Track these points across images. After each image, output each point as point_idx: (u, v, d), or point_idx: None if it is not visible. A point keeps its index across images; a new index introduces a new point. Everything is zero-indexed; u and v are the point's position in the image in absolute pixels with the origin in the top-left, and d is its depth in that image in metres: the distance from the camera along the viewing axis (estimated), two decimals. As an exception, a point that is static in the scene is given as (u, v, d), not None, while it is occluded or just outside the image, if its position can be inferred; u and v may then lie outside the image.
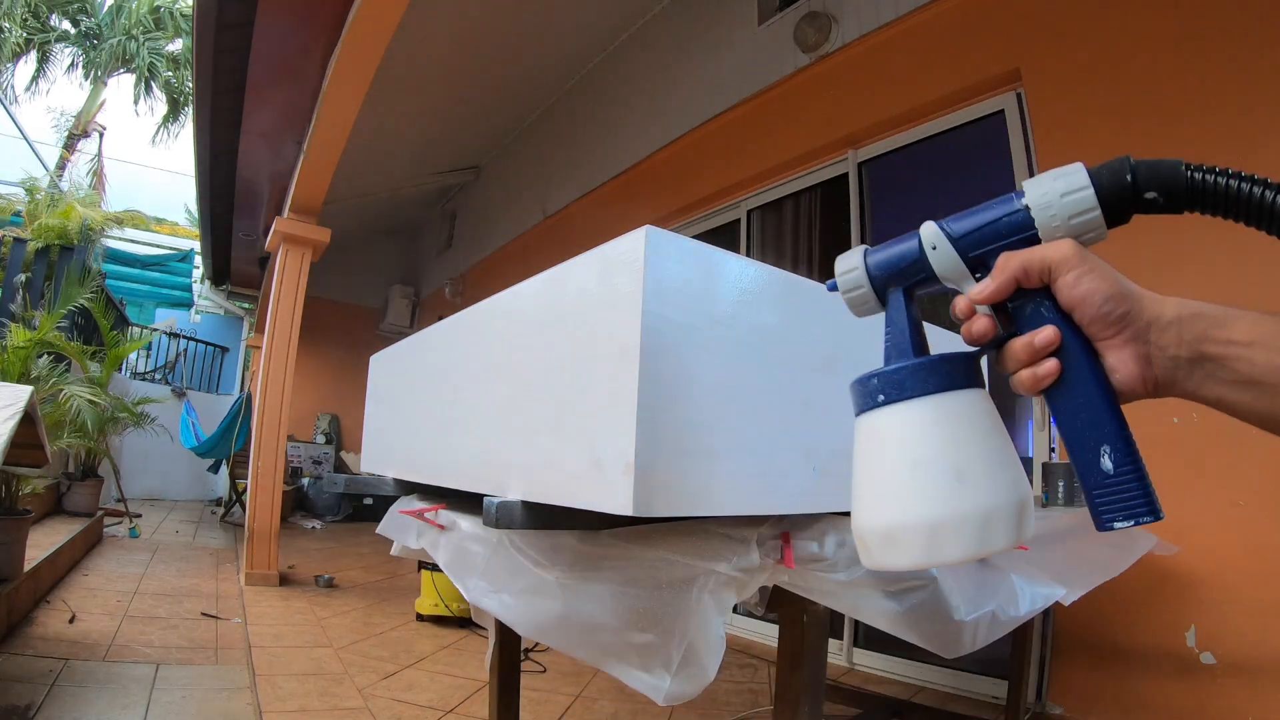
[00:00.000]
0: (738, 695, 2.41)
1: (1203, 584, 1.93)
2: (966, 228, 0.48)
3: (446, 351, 1.16)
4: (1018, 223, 0.45)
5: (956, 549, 0.42)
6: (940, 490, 0.43)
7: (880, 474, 0.46)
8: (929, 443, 0.44)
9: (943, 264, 0.48)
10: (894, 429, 0.45)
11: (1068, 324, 0.43)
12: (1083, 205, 0.44)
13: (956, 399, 0.45)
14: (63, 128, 12.13)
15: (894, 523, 0.44)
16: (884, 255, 0.51)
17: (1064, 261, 0.42)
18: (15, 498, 2.88)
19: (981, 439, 0.44)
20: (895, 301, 0.51)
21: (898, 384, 0.45)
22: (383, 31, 3.06)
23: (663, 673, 0.72)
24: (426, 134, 6.27)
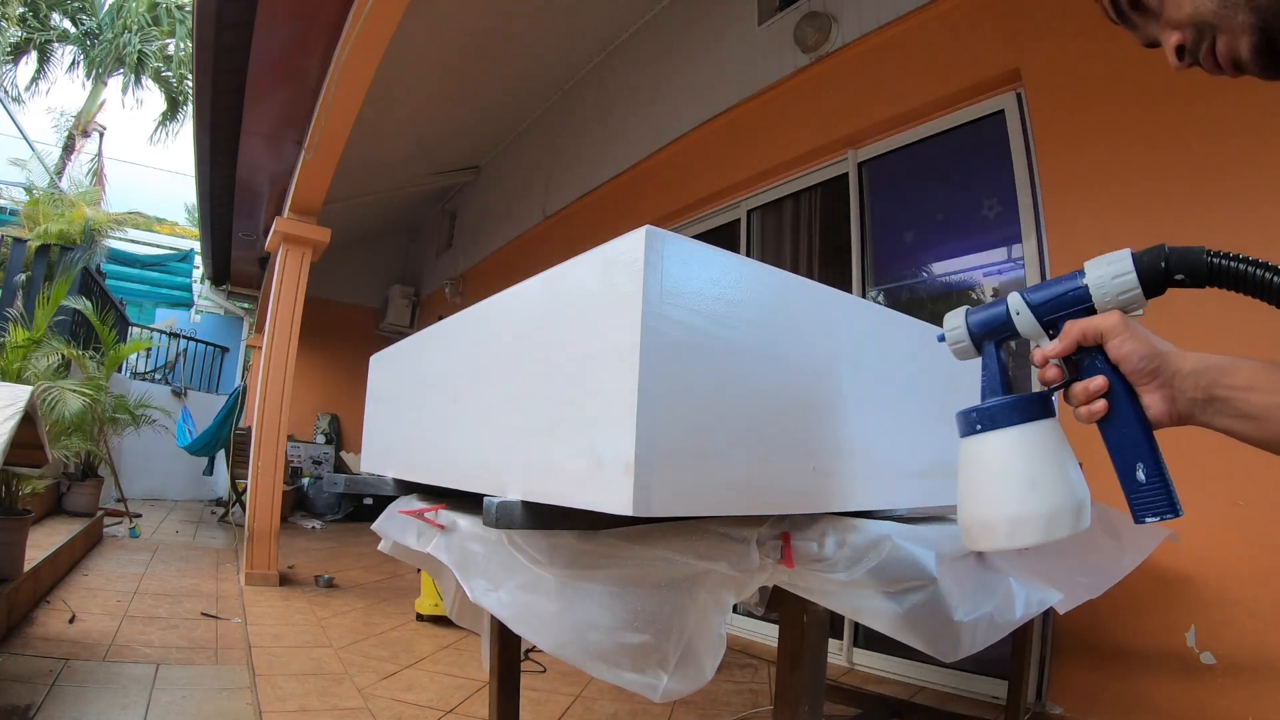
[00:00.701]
0: (738, 695, 2.41)
1: (1203, 584, 1.93)
2: (1042, 299, 0.64)
3: (446, 351, 1.16)
4: (1079, 296, 0.62)
5: (1031, 536, 0.61)
6: (1019, 495, 0.61)
7: (979, 483, 0.64)
8: (1011, 461, 0.62)
9: (1024, 326, 0.65)
10: (987, 451, 0.64)
11: (1115, 373, 0.59)
12: (1127, 286, 0.60)
13: (1033, 428, 0.62)
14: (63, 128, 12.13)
15: (988, 517, 0.63)
16: (980, 317, 0.68)
17: (1112, 330, 0.58)
18: (15, 498, 2.89)
19: (1051, 456, 0.62)
20: (989, 351, 0.68)
21: (991, 417, 0.64)
22: (383, 31, 3.06)
23: (659, 671, 0.73)
24: (426, 134, 6.28)
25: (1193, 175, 2.07)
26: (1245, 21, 0.53)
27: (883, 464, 0.93)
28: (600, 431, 0.68)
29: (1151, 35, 0.62)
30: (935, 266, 3.12)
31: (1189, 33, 0.57)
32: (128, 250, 9.95)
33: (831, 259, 3.42)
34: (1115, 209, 2.25)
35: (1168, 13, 0.58)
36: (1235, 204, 1.97)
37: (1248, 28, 0.54)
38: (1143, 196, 2.19)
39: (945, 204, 3.06)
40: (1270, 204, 1.90)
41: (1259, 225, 1.92)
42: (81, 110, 12.25)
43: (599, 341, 0.71)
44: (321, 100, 3.58)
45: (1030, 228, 2.56)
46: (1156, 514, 0.58)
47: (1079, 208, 2.35)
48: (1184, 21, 0.57)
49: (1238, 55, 0.56)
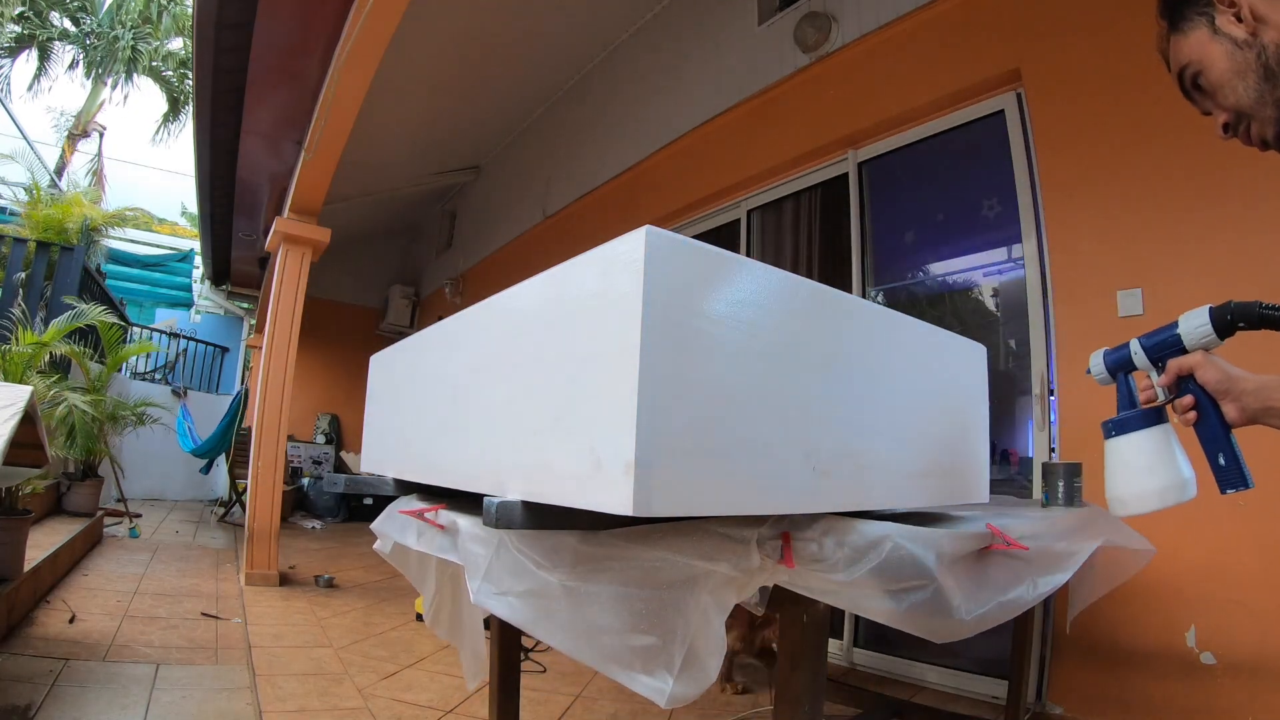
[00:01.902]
0: (738, 695, 2.41)
1: (1203, 584, 1.93)
2: (1151, 344, 0.93)
3: (446, 351, 1.16)
4: (1174, 341, 0.90)
5: (1152, 505, 0.92)
6: (1139, 479, 0.94)
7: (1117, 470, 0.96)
8: (1137, 456, 0.94)
9: (1140, 362, 0.94)
10: (1120, 449, 0.96)
11: (1201, 392, 0.86)
12: (1206, 334, 0.87)
13: (1148, 432, 0.93)
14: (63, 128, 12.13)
15: (1123, 493, 0.96)
16: (1114, 357, 0.98)
17: (1197, 365, 0.86)
18: (15, 498, 2.88)
19: (1163, 450, 0.92)
20: (1121, 380, 0.98)
21: (1123, 425, 0.95)
22: (383, 31, 3.06)
23: (665, 675, 0.72)
24: (426, 134, 6.27)
25: (1192, 174, 2.07)
26: (1271, 115, 0.77)
27: (883, 464, 0.93)
28: (600, 431, 0.68)
29: (1208, 109, 0.84)
30: (935, 266, 3.12)
31: (1232, 115, 0.81)
32: (128, 250, 9.96)
33: (831, 259, 3.42)
34: (1115, 208, 2.25)
35: (1219, 98, 0.81)
36: (1235, 202, 1.97)
37: (1272, 120, 0.77)
38: (1142, 196, 2.19)
39: (945, 204, 3.06)
40: (1270, 202, 1.90)
41: (1259, 222, 1.92)
42: (81, 110, 12.25)
43: (599, 341, 0.71)
44: (321, 100, 3.58)
45: (1030, 227, 2.56)
46: (1233, 486, 0.85)
47: (1079, 207, 2.35)
48: (1229, 107, 0.80)
49: (1265, 137, 0.80)
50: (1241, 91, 0.78)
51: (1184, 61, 0.83)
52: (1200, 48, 0.81)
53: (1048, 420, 2.43)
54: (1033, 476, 2.41)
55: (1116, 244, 2.23)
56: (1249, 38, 0.76)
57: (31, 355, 3.91)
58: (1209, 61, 0.80)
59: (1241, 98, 0.78)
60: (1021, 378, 2.61)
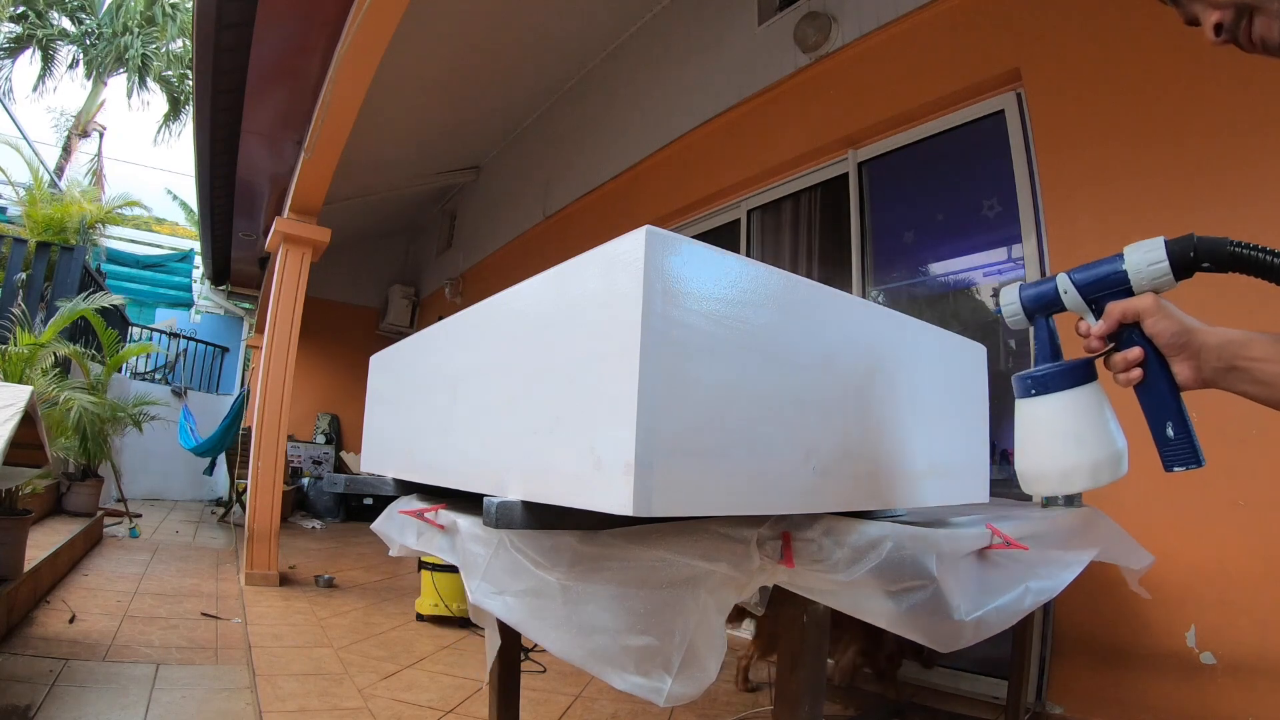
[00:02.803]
0: (738, 695, 2.41)
1: (1203, 584, 1.92)
2: (1086, 280, 0.74)
3: (446, 351, 1.16)
4: (1118, 279, 0.72)
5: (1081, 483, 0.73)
6: (1067, 450, 0.73)
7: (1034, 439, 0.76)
8: (1062, 420, 0.74)
9: (1071, 303, 0.76)
10: (1041, 412, 0.75)
11: (1149, 345, 0.69)
12: (1160, 272, 0.69)
13: (1078, 391, 0.74)
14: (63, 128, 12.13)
15: (1044, 469, 0.75)
16: (1033, 293, 0.78)
17: (1147, 310, 0.68)
18: (15, 498, 2.88)
19: (1094, 415, 0.73)
20: (1040, 324, 0.79)
21: (1044, 382, 0.75)
22: (383, 31, 3.06)
23: (663, 675, 0.72)
24: (426, 134, 6.27)
25: (1192, 173, 2.07)
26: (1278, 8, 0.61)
27: (883, 464, 0.93)
28: (600, 431, 0.68)
29: (1193, 14, 0.70)
30: (935, 266, 3.11)
31: (1229, 12, 0.65)
32: (127, 250, 9.96)
33: (831, 259, 3.41)
34: (1115, 208, 2.25)
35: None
36: (1235, 201, 1.97)
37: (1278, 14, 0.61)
38: (1142, 195, 2.19)
39: (945, 204, 3.06)
40: (1270, 200, 1.90)
41: (1259, 221, 1.92)
42: (81, 110, 12.25)
43: (599, 341, 0.71)
44: (321, 100, 3.58)
45: (1030, 227, 2.56)
46: (1183, 464, 0.68)
47: (1079, 207, 2.35)
48: (1226, 2, 0.65)
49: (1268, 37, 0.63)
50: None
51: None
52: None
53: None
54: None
55: (1116, 244, 2.20)
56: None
57: (30, 355, 3.91)
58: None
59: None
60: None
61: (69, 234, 6.74)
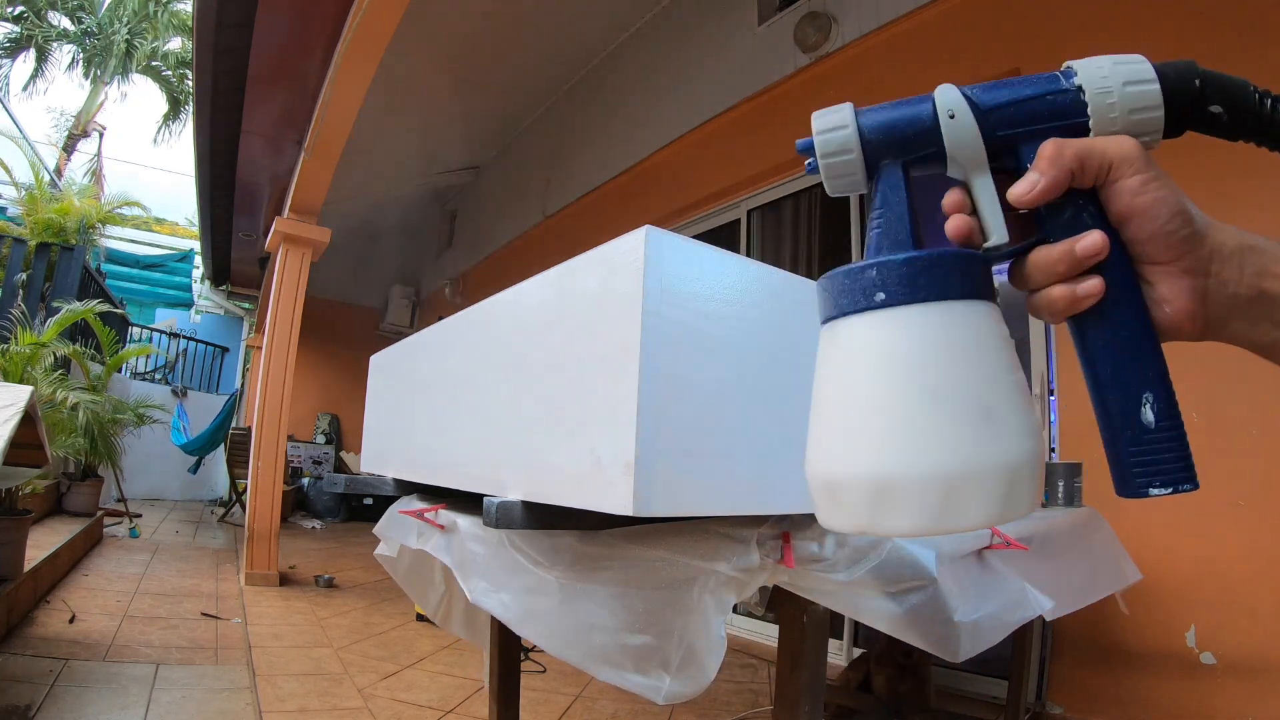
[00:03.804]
0: (738, 695, 2.41)
1: (1203, 584, 1.93)
2: (998, 99, 0.38)
3: (446, 351, 1.16)
4: (1065, 105, 0.36)
5: (976, 513, 0.31)
6: (965, 432, 0.32)
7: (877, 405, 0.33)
8: (953, 367, 0.33)
9: (958, 140, 0.38)
10: (901, 342, 0.33)
11: (1116, 237, 0.35)
12: (1147, 100, 0.36)
13: (981, 311, 0.34)
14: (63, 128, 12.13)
15: (896, 473, 0.32)
16: (885, 116, 0.40)
17: (1128, 161, 0.35)
18: (15, 498, 2.88)
19: (1007, 370, 0.34)
20: (891, 177, 0.40)
21: (909, 279, 0.34)
22: (383, 31, 3.06)
23: (661, 673, 0.72)
24: (426, 134, 6.28)
25: (1193, 174, 2.06)
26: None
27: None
28: (600, 431, 0.68)
29: None
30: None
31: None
32: (127, 250, 9.96)
33: (831, 259, 3.42)
34: (1115, 209, 2.25)
35: None
36: (1236, 204, 1.97)
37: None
38: (1143, 196, 2.19)
39: (945, 204, 3.06)
40: (1272, 205, 1.90)
41: (1261, 225, 1.92)
42: (81, 110, 12.24)
43: (599, 341, 0.71)
44: (321, 100, 3.58)
45: (1030, 228, 2.56)
46: (1169, 483, 0.33)
47: (1079, 208, 2.35)
48: None
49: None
50: None
51: None
52: None
53: (1048, 420, 2.43)
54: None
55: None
56: None
57: (32, 355, 3.91)
58: None
59: None
60: (1021, 378, 2.60)
61: (69, 234, 6.74)
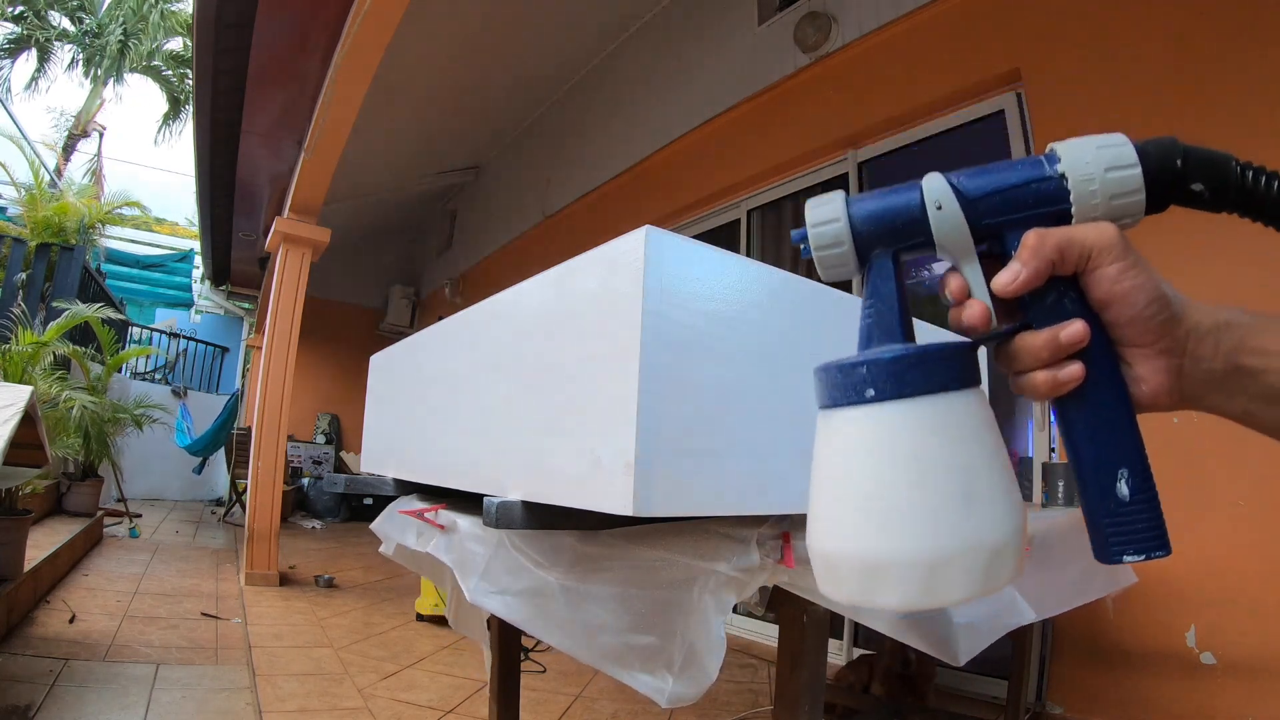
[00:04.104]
0: (738, 695, 2.41)
1: (1203, 584, 1.93)
2: (983, 188, 0.39)
3: (446, 351, 1.16)
4: (1048, 193, 0.38)
5: (959, 588, 0.35)
6: (946, 518, 0.35)
7: (866, 491, 0.36)
8: (934, 459, 0.35)
9: (946, 229, 0.39)
10: (888, 435, 0.36)
11: (1097, 321, 0.38)
12: (1129, 185, 0.37)
13: (964, 400, 0.36)
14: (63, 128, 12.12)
15: (885, 556, 0.35)
16: (875, 207, 0.40)
17: (1108, 249, 0.36)
18: (15, 498, 2.88)
19: (990, 455, 0.36)
20: (882, 268, 0.40)
21: (897, 376, 0.36)
22: (383, 31, 3.06)
23: (665, 674, 0.73)
24: (426, 134, 6.27)
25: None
26: None
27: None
28: (600, 431, 0.68)
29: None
30: (935, 266, 3.11)
31: None
32: (127, 250, 9.96)
33: (831, 259, 3.41)
34: (1115, 209, 2.25)
35: None
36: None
37: None
38: (1143, 196, 2.18)
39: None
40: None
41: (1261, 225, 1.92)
42: (81, 110, 12.24)
43: (599, 341, 0.71)
44: (321, 100, 3.58)
45: (1030, 228, 2.56)
46: (1142, 550, 0.36)
47: (1079, 208, 2.35)
48: None
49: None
50: None
51: None
52: None
53: (1048, 420, 2.41)
54: (1033, 477, 2.40)
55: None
56: None
57: (31, 355, 3.91)
58: None
59: None
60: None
61: (69, 234, 6.74)
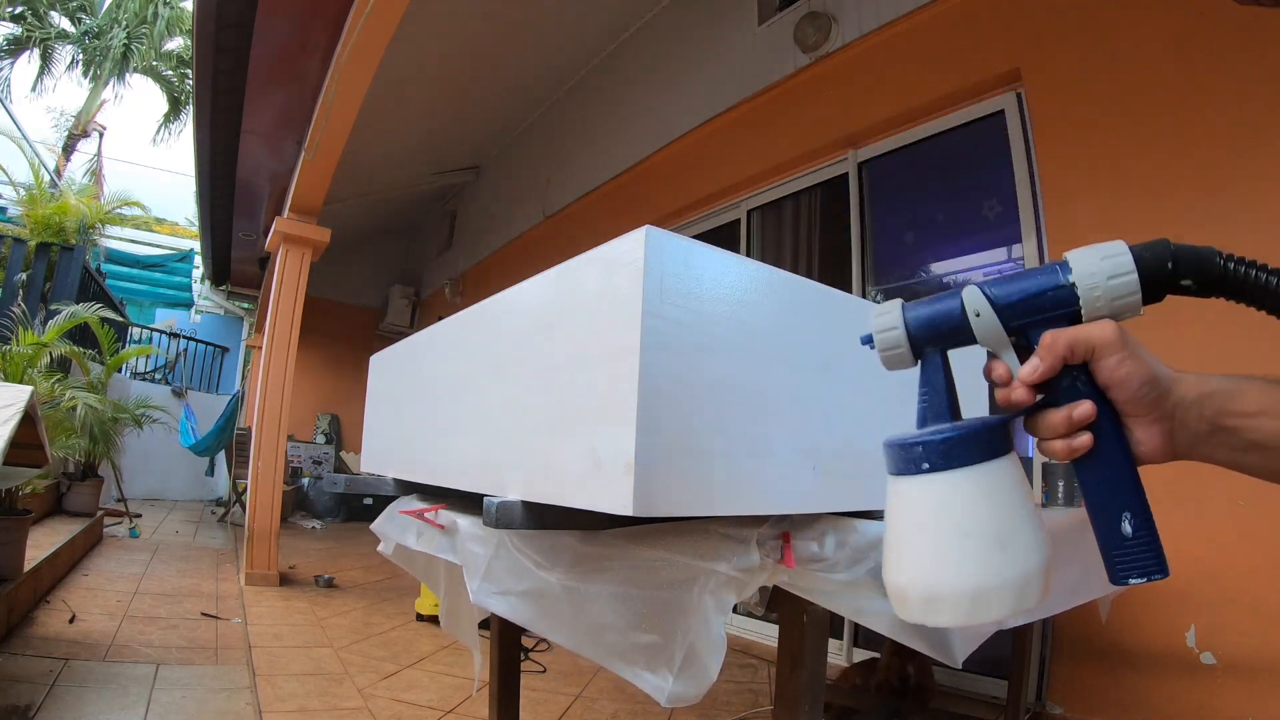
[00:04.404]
0: (738, 695, 2.41)
1: (1203, 584, 1.92)
2: (1010, 296, 0.50)
3: (446, 351, 1.16)
4: (1062, 299, 0.48)
5: (997, 611, 0.47)
6: (985, 560, 0.47)
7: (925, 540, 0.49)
8: (975, 515, 0.47)
9: (984, 331, 0.50)
10: (939, 499, 0.48)
11: (1103, 399, 0.47)
12: (1126, 289, 0.47)
13: (998, 467, 0.48)
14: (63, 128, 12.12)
15: (939, 588, 0.48)
16: (925, 314, 0.52)
17: (1108, 345, 0.46)
18: (15, 498, 2.88)
19: (1019, 506, 0.48)
20: (933, 362, 0.52)
21: (944, 453, 0.48)
22: (383, 30, 3.06)
23: (666, 674, 0.73)
24: (426, 134, 6.28)
25: (1193, 174, 2.07)
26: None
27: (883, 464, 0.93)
28: (600, 431, 0.68)
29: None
30: (935, 266, 3.12)
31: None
32: (127, 250, 9.95)
33: (831, 259, 3.41)
34: (1116, 209, 2.25)
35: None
36: (1236, 203, 1.97)
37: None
38: (1143, 197, 2.19)
39: (945, 204, 3.06)
40: (1272, 203, 1.90)
41: (1261, 224, 1.92)
42: (81, 110, 12.24)
43: (599, 341, 0.71)
44: (321, 100, 3.58)
45: (1030, 228, 2.56)
46: (1144, 574, 0.47)
47: (1079, 208, 2.35)
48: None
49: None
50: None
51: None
52: None
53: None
54: (1033, 477, 2.41)
55: (1116, 244, 2.23)
56: None
57: (32, 355, 3.91)
58: None
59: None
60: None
61: (69, 234, 6.73)
